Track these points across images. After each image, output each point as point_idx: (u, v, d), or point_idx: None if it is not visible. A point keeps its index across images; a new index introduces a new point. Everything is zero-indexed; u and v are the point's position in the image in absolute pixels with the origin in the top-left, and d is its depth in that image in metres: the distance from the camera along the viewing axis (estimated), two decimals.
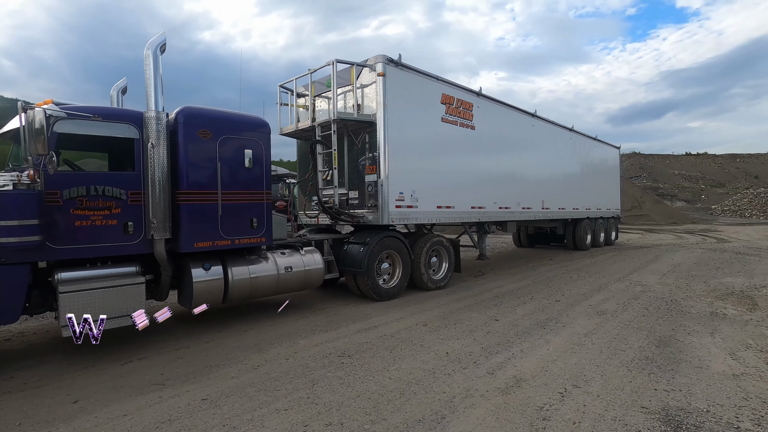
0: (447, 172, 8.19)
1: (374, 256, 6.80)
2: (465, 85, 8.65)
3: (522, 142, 10.79)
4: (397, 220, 7.09)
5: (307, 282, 6.24)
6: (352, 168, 7.51)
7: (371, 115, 6.99)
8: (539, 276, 9.63)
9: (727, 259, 11.98)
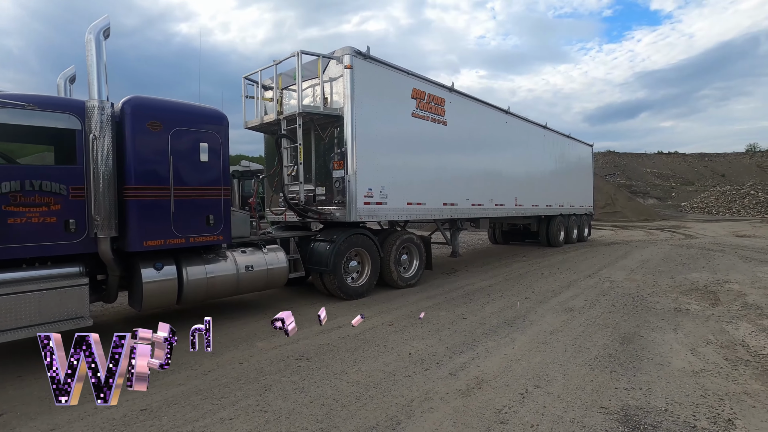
0: (418, 168, 8.06)
1: (341, 255, 6.62)
2: (436, 80, 8.53)
3: (495, 138, 10.76)
4: (365, 217, 6.91)
5: (270, 281, 6.00)
6: (320, 163, 7.29)
7: (338, 108, 6.77)
8: (511, 273, 9.63)
9: (693, 255, 12.28)
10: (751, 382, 3.84)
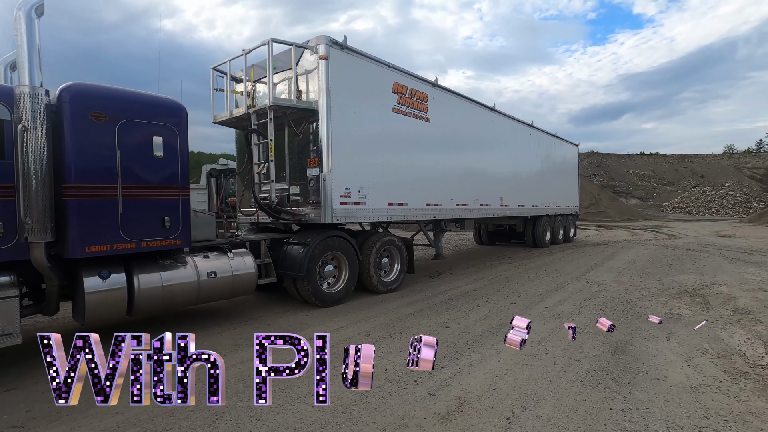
0: (399, 167, 7.64)
1: (315, 258, 6.15)
2: (419, 75, 8.12)
3: (480, 136, 10.42)
4: (342, 218, 6.46)
5: (237, 288, 5.51)
6: (295, 161, 6.81)
7: (313, 102, 6.31)
8: (497, 275, 9.30)
9: (679, 256, 12.17)
10: (755, 398, 3.53)
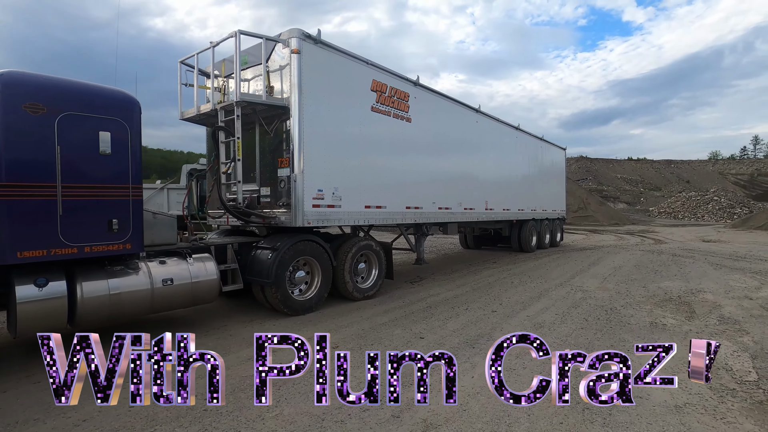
0: (378, 168, 7.33)
1: (285, 264, 5.80)
2: (400, 73, 7.83)
3: (464, 138, 10.16)
4: (314, 222, 6.12)
5: (197, 296, 5.13)
6: (266, 161, 6.46)
7: (284, 99, 5.97)
8: (480, 281, 9.02)
9: (665, 262, 12.04)
10: (743, 420, 3.28)
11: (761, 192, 58.58)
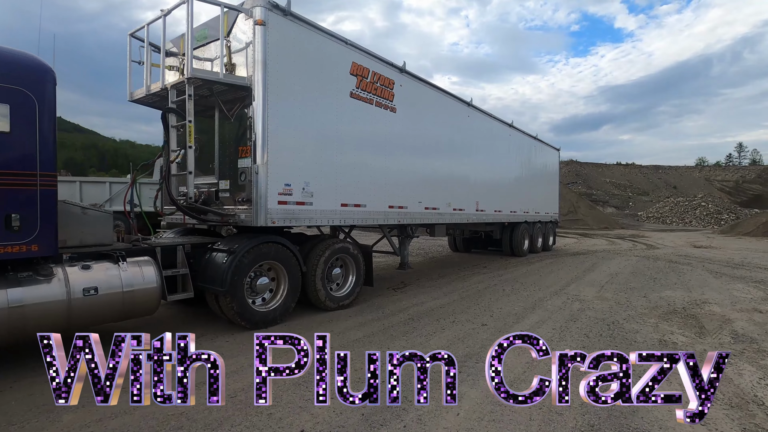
0: (357, 162, 6.55)
1: (243, 270, 4.98)
2: (385, 57, 7.06)
3: (454, 133, 9.42)
4: (280, 221, 5.31)
5: (130, 308, 4.28)
6: (225, 150, 5.64)
7: (246, 78, 5.16)
8: (469, 288, 8.29)
9: (662, 269, 11.48)
10: None
11: (746, 199, 59.32)
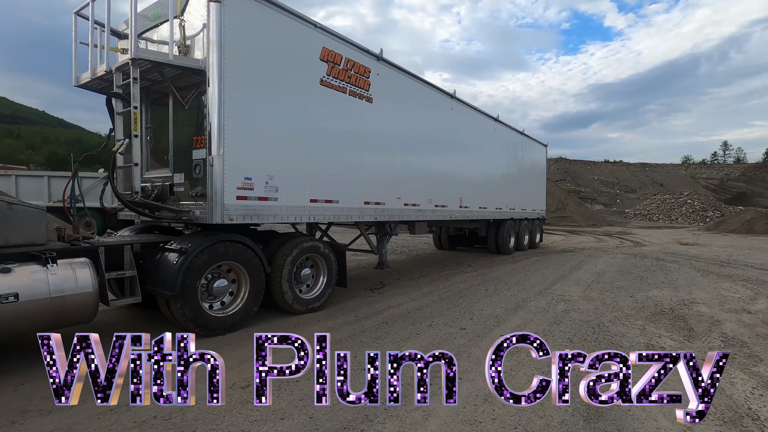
0: (328, 154, 6.11)
1: (196, 271, 4.52)
2: (359, 43, 6.62)
3: (437, 126, 9.03)
4: (239, 217, 4.86)
5: (62, 316, 3.80)
6: (180, 141, 5.16)
7: (200, 60, 4.69)
8: (450, 288, 7.93)
9: (649, 267, 11.27)
10: None
11: (731, 196, 60.20)
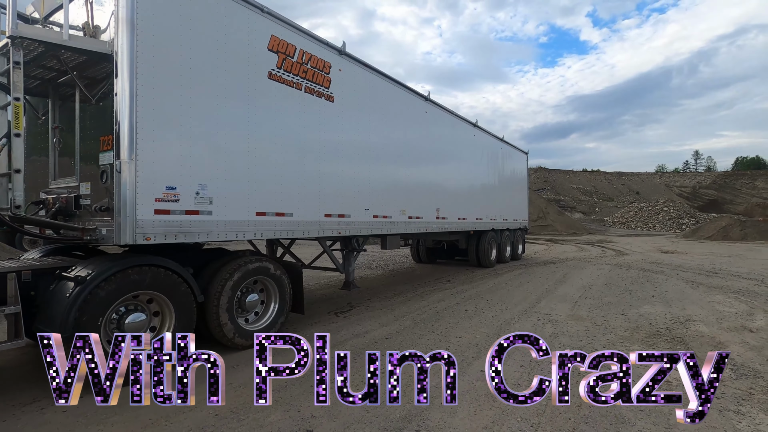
0: (279, 159, 5.26)
1: (96, 306, 3.57)
2: (318, 35, 5.84)
3: (410, 130, 8.29)
4: (159, 236, 3.94)
5: None
6: (87, 143, 4.24)
7: (107, 43, 3.80)
8: (425, 310, 7.10)
9: (636, 279, 10.72)
10: None
11: (703, 203, 61.82)
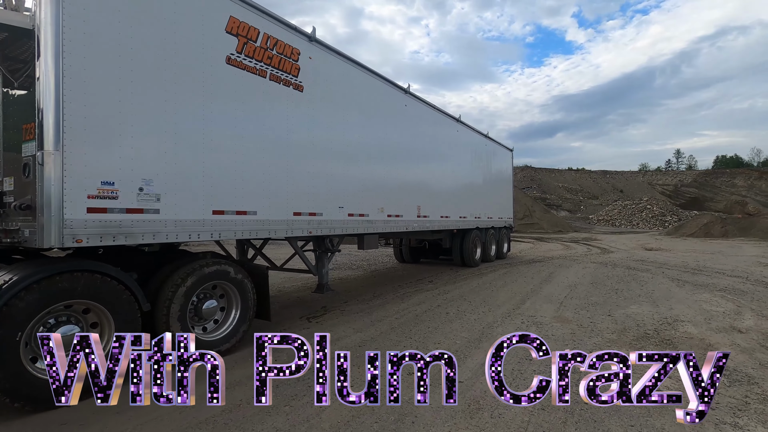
0: (240, 151, 4.81)
1: (15, 320, 3.08)
2: (285, 19, 5.40)
3: (388, 124, 7.90)
4: (92, 238, 3.47)
5: None
6: (12, 132, 3.73)
7: (28, 16, 3.32)
8: (404, 313, 6.72)
9: (622, 277, 10.53)
10: None
11: (684, 201, 62.92)
